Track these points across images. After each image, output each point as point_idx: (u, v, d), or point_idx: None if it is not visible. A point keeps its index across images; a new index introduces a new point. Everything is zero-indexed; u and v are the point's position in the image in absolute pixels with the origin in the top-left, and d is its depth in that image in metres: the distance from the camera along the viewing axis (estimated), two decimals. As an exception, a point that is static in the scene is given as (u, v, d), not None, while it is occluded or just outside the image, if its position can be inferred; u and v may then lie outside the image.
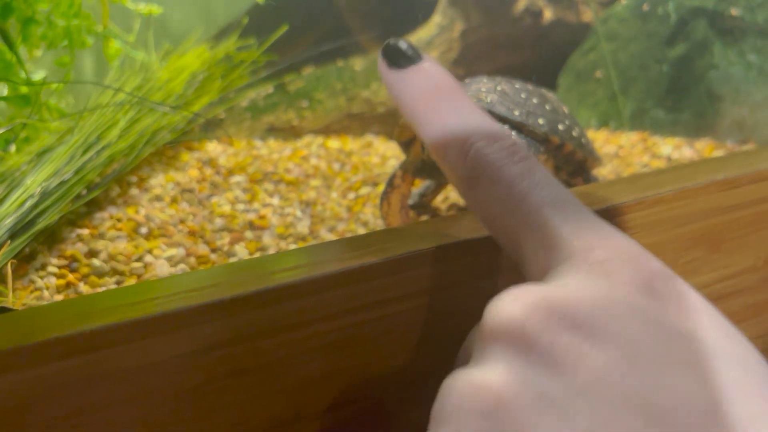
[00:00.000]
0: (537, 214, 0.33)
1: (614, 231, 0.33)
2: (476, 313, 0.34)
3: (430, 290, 0.45)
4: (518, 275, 0.43)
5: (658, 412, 0.25)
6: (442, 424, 0.28)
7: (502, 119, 0.69)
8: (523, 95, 0.72)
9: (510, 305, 0.30)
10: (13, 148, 1.00)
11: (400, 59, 0.40)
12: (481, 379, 0.28)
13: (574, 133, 0.74)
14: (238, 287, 0.41)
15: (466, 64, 1.17)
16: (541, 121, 0.70)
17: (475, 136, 0.36)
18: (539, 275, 0.33)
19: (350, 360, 0.42)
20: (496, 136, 0.36)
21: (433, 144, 0.38)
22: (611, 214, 0.51)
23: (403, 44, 0.39)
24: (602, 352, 0.27)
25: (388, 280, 0.43)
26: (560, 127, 0.71)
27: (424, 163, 0.68)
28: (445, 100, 0.38)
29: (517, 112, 0.69)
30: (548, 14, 1.15)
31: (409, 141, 0.76)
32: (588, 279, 0.30)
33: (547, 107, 0.73)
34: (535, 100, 0.72)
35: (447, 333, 0.45)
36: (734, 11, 1.01)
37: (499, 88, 0.72)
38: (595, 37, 1.13)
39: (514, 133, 0.68)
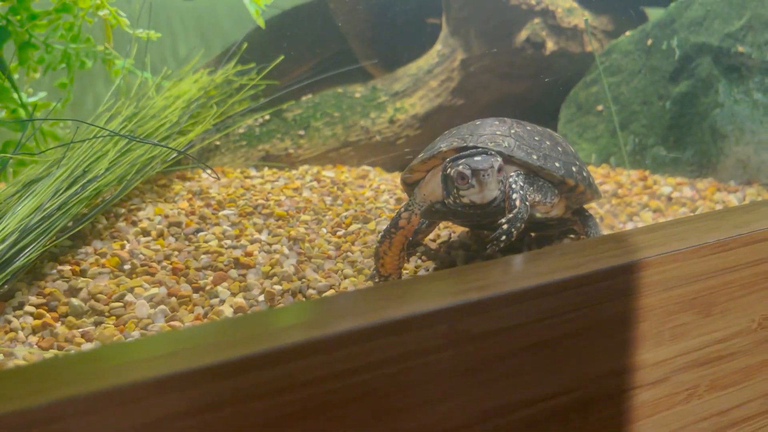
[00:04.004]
0: None
1: None
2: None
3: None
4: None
5: None
6: None
7: (522, 164, 0.68)
8: (536, 138, 0.72)
9: None
10: (10, 171, 1.00)
11: None
12: None
13: (584, 174, 0.74)
14: (197, 357, 0.40)
15: (466, 94, 1.16)
16: (557, 164, 0.70)
17: None
18: None
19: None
20: None
21: None
22: (595, 279, 0.49)
23: None
24: None
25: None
26: (573, 169, 0.72)
27: (444, 205, 0.68)
28: None
29: (535, 156, 0.69)
30: (550, 45, 1.13)
31: (416, 183, 0.74)
32: None
33: (559, 149, 0.73)
34: (548, 143, 0.72)
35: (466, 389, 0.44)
36: (741, 48, 0.98)
37: (513, 131, 0.71)
38: (598, 69, 1.10)
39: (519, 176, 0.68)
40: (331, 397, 0.40)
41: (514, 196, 0.66)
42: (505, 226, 0.63)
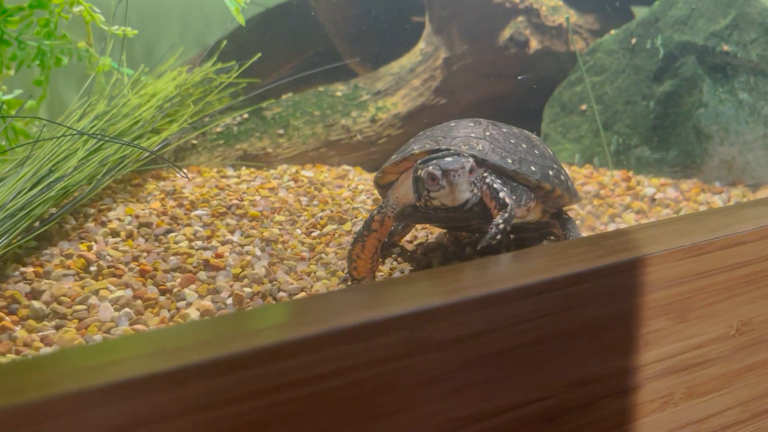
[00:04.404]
0: None
1: None
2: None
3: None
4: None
5: None
6: None
7: (496, 168, 0.66)
8: (512, 140, 0.70)
9: None
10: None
11: None
12: None
13: (562, 177, 0.72)
14: (143, 365, 0.38)
15: (448, 93, 1.14)
16: (533, 168, 0.68)
17: None
18: None
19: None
20: None
21: None
22: (563, 284, 0.47)
23: None
24: None
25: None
26: (550, 172, 0.70)
27: (416, 209, 0.66)
28: None
29: (510, 160, 0.67)
30: (534, 43, 1.11)
31: (389, 185, 0.73)
32: None
33: (536, 152, 0.71)
34: (524, 146, 0.70)
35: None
36: (726, 47, 0.97)
37: (487, 133, 0.69)
38: (581, 68, 1.09)
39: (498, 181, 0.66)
40: (279, 410, 0.38)
41: (501, 194, 0.64)
42: (501, 225, 0.62)
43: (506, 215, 0.62)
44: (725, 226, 0.56)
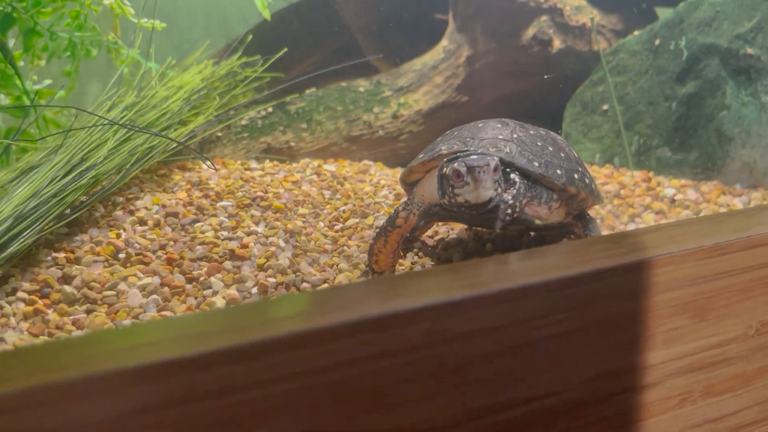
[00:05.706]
0: None
1: None
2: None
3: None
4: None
5: None
6: None
7: (523, 171, 0.67)
8: (539, 143, 0.70)
9: None
10: (13, 158, 1.00)
11: None
12: None
13: (587, 180, 0.73)
14: (174, 348, 0.39)
15: (470, 90, 1.14)
16: (559, 171, 0.69)
17: None
18: None
19: None
20: None
21: None
22: (583, 280, 0.48)
23: None
24: None
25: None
26: (576, 176, 0.71)
27: (441, 207, 0.67)
28: None
29: (536, 164, 0.68)
30: (557, 43, 1.12)
31: (415, 183, 0.74)
32: None
33: (562, 155, 0.71)
34: (550, 148, 0.71)
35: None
36: (750, 50, 0.97)
37: (515, 135, 0.70)
38: (604, 68, 1.09)
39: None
40: (307, 394, 0.40)
41: (515, 178, 0.66)
42: (510, 201, 0.64)
43: (514, 191, 0.65)
44: (747, 228, 0.56)
